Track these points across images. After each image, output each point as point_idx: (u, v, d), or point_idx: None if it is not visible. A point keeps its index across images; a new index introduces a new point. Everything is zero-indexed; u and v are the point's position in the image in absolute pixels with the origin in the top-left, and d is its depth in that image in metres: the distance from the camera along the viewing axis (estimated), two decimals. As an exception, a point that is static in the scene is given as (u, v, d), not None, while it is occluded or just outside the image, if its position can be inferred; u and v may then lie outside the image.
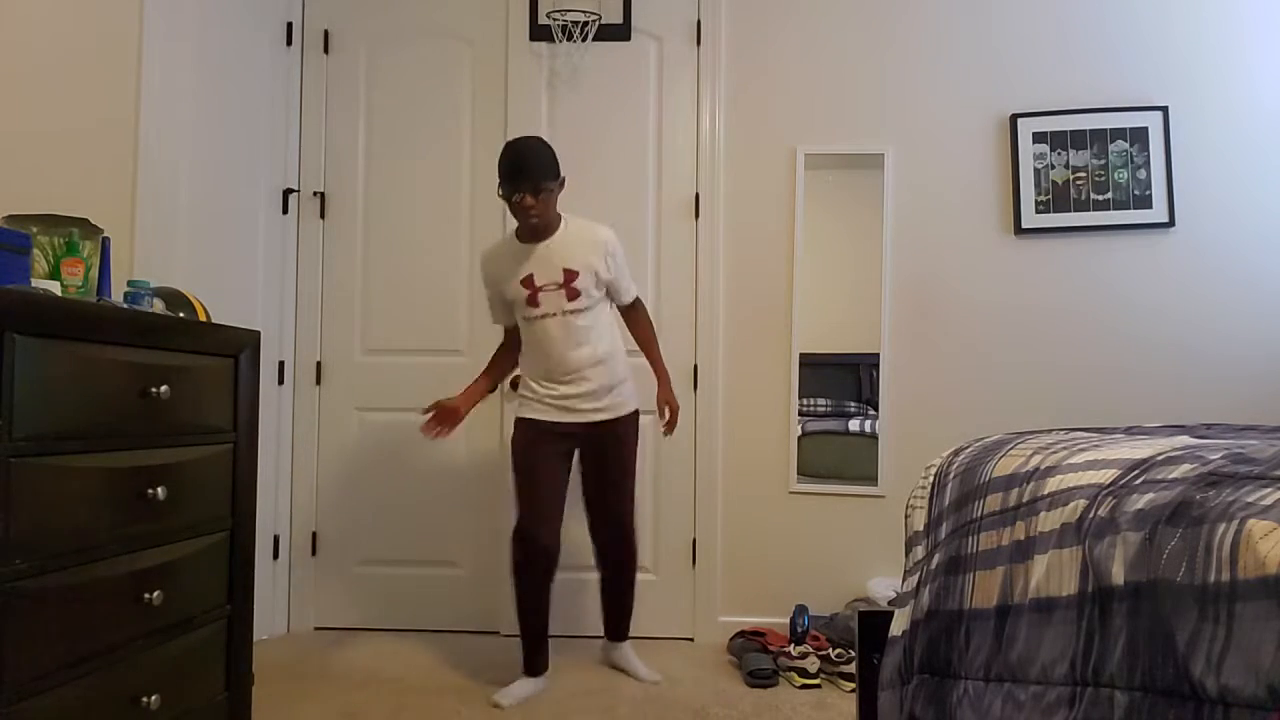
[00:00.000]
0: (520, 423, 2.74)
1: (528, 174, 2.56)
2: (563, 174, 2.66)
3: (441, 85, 3.51)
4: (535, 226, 2.64)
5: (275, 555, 3.38)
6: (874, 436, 3.39)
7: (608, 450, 2.76)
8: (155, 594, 1.70)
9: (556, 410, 2.70)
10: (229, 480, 2.01)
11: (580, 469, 2.82)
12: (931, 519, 1.71)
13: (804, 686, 2.78)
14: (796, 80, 3.42)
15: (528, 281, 2.67)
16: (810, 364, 3.39)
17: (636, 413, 2.83)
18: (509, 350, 2.88)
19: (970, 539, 1.50)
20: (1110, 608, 1.09)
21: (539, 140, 2.70)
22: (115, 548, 1.63)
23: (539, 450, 2.69)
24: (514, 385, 3.01)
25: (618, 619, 2.93)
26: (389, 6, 3.54)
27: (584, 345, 2.69)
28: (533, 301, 2.67)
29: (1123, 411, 3.01)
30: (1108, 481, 1.19)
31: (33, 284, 1.67)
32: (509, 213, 2.70)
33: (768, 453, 3.37)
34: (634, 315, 2.92)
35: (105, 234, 1.96)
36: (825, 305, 3.42)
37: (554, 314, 2.66)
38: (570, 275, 2.65)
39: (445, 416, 2.72)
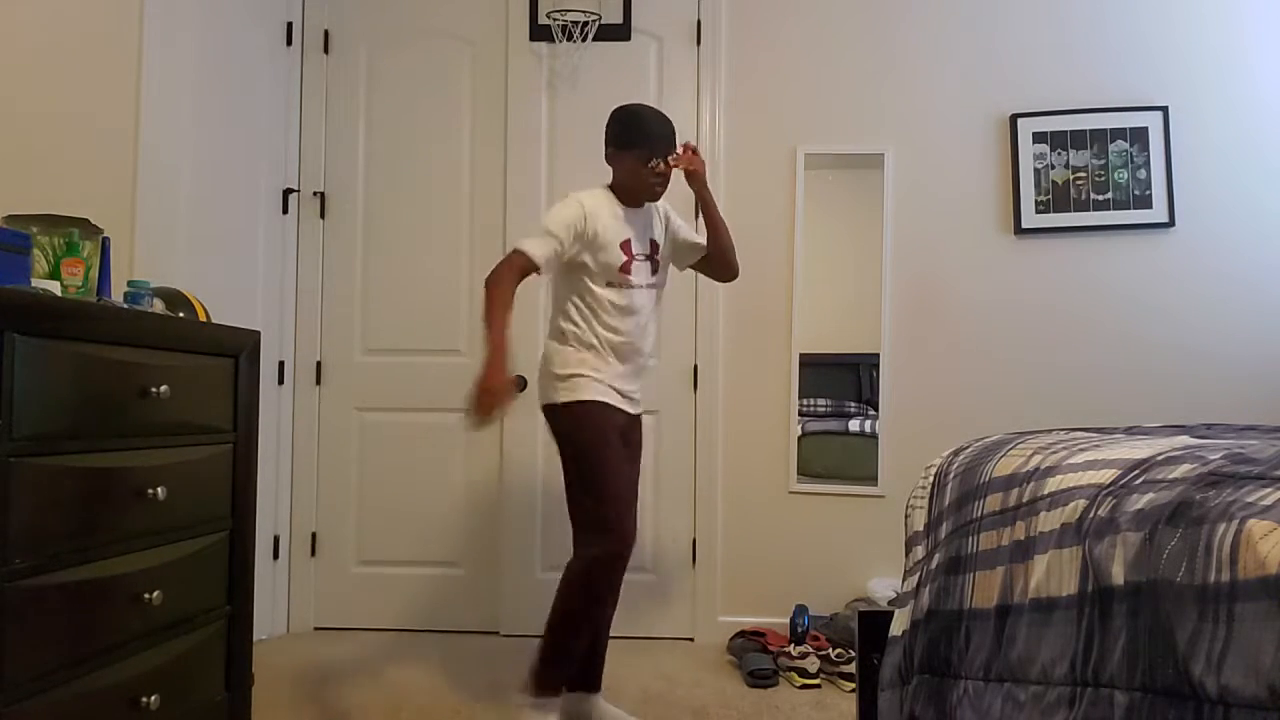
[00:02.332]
0: (590, 406, 2.35)
1: (674, 139, 2.43)
2: None
3: (441, 85, 3.51)
4: (658, 194, 2.46)
5: (275, 555, 3.38)
6: (874, 436, 3.39)
7: (639, 447, 2.56)
8: (155, 594, 1.70)
9: (620, 397, 2.43)
10: (229, 480, 2.01)
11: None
12: (931, 519, 1.71)
13: (804, 686, 2.78)
14: (796, 80, 3.42)
15: (625, 246, 2.42)
16: (810, 364, 3.39)
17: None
18: (512, 297, 2.38)
19: (970, 539, 1.50)
20: (1110, 608, 1.09)
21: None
22: (115, 548, 1.63)
23: (613, 438, 2.38)
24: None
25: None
26: (389, 6, 3.54)
27: (651, 329, 2.49)
28: (626, 269, 2.41)
29: (1123, 411, 3.00)
30: (1108, 481, 1.19)
31: (33, 284, 1.67)
32: (624, 176, 2.42)
33: (768, 453, 3.37)
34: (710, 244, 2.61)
35: (105, 234, 1.96)
36: (825, 305, 3.42)
37: (640, 286, 2.43)
38: (655, 247, 2.49)
39: (493, 400, 2.20)
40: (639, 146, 2.40)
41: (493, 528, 3.34)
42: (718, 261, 2.60)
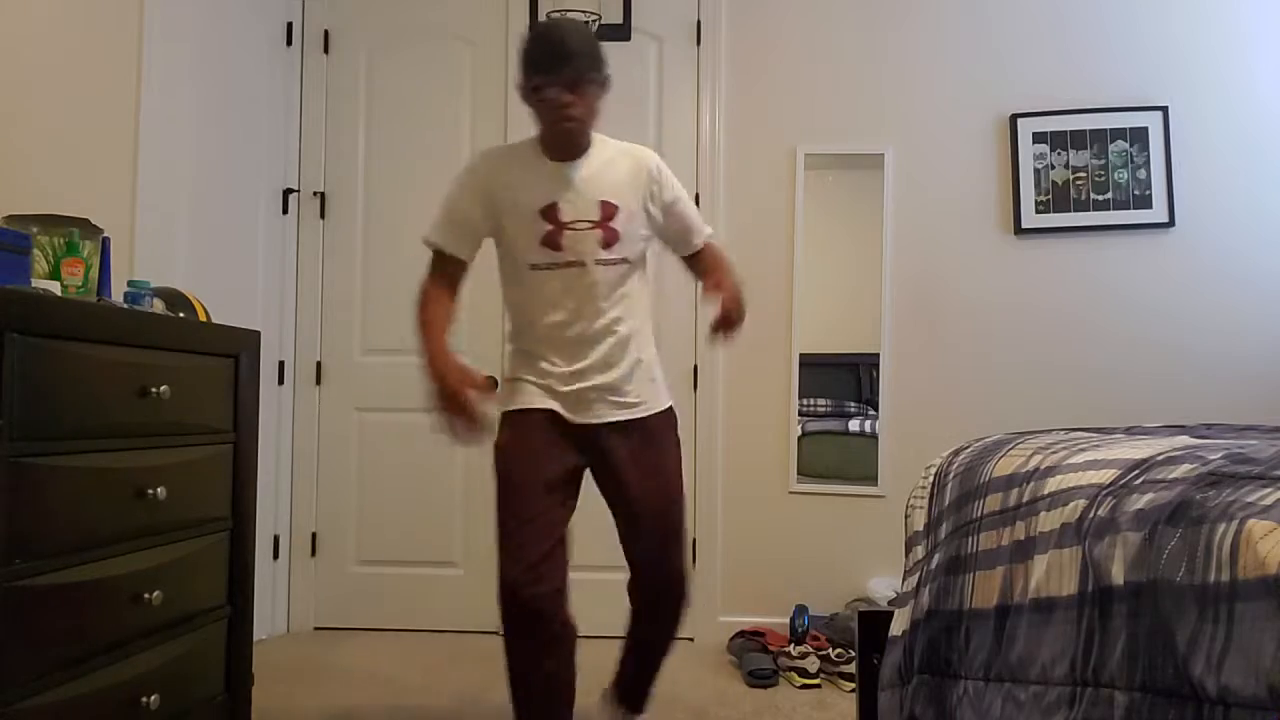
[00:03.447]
0: (507, 420, 1.98)
1: (567, 58, 1.84)
2: (609, 72, 1.95)
3: (441, 85, 3.51)
4: (572, 133, 1.93)
5: (275, 555, 3.38)
6: (874, 436, 3.38)
7: (638, 456, 1.98)
8: (155, 594, 1.70)
9: (562, 404, 1.95)
10: (229, 480, 2.01)
11: (604, 493, 2.04)
12: (931, 519, 1.71)
13: (804, 686, 2.78)
14: (796, 80, 3.42)
15: (550, 213, 1.92)
16: (810, 364, 3.39)
17: (673, 413, 2.09)
18: (446, 294, 2.03)
19: (970, 539, 1.50)
20: (1110, 608, 1.09)
21: (579, 23, 2.01)
22: (115, 548, 1.63)
23: (531, 457, 1.93)
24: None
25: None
26: (389, 7, 3.54)
27: (612, 312, 1.96)
28: (552, 242, 1.91)
29: (1123, 411, 3.00)
30: (1108, 481, 1.19)
31: (33, 284, 1.67)
32: (535, 119, 1.98)
33: (768, 453, 3.37)
34: (704, 259, 2.13)
35: (105, 234, 1.96)
36: (825, 305, 3.42)
37: (579, 262, 1.92)
38: (609, 211, 1.94)
39: (460, 407, 1.87)
40: (525, 75, 1.89)
41: (492, 528, 3.33)
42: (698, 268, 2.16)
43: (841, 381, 3.52)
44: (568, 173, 1.96)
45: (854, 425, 3.45)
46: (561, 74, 1.85)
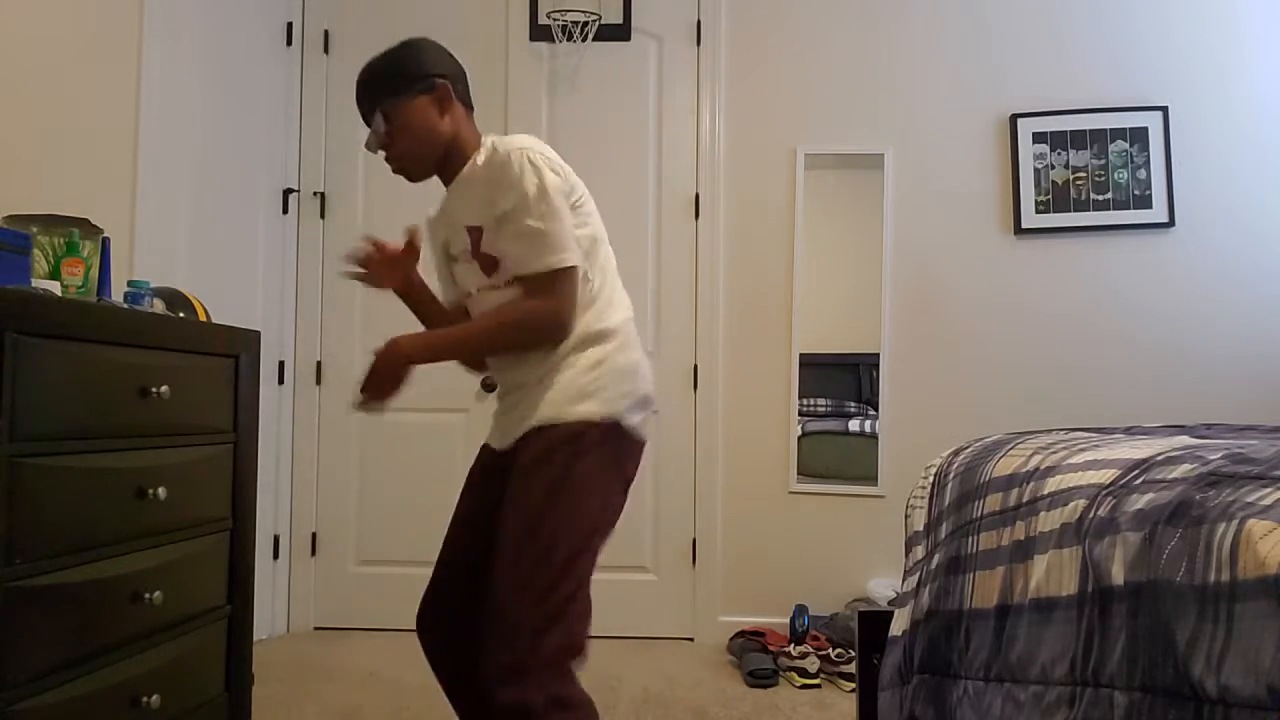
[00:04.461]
0: None
1: (361, 96, 1.68)
2: (435, 76, 1.64)
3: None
4: (410, 174, 1.68)
5: (275, 555, 3.38)
6: (874, 436, 3.38)
7: (506, 494, 1.55)
8: (155, 594, 1.70)
9: (494, 430, 1.75)
10: (229, 480, 2.01)
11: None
12: (931, 519, 1.71)
13: (804, 686, 2.78)
14: (796, 80, 3.42)
15: (443, 251, 1.75)
16: (810, 364, 3.39)
17: (577, 428, 1.53)
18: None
19: (970, 539, 1.50)
20: (1110, 608, 1.09)
21: (393, 48, 1.71)
22: (115, 548, 1.63)
23: (464, 493, 1.78)
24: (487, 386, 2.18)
25: None
26: (389, 6, 3.54)
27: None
28: (453, 279, 1.76)
29: (1123, 411, 3.00)
30: (1108, 481, 1.19)
31: (33, 284, 1.67)
32: None
33: (768, 453, 3.37)
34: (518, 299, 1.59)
35: (105, 234, 1.96)
36: (825, 305, 3.42)
37: (471, 293, 1.71)
38: (475, 235, 1.61)
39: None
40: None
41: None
42: None
43: (841, 381, 3.52)
44: (450, 200, 1.69)
45: (854, 425, 3.45)
46: (365, 115, 1.67)
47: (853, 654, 2.39)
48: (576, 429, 1.52)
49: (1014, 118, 3.34)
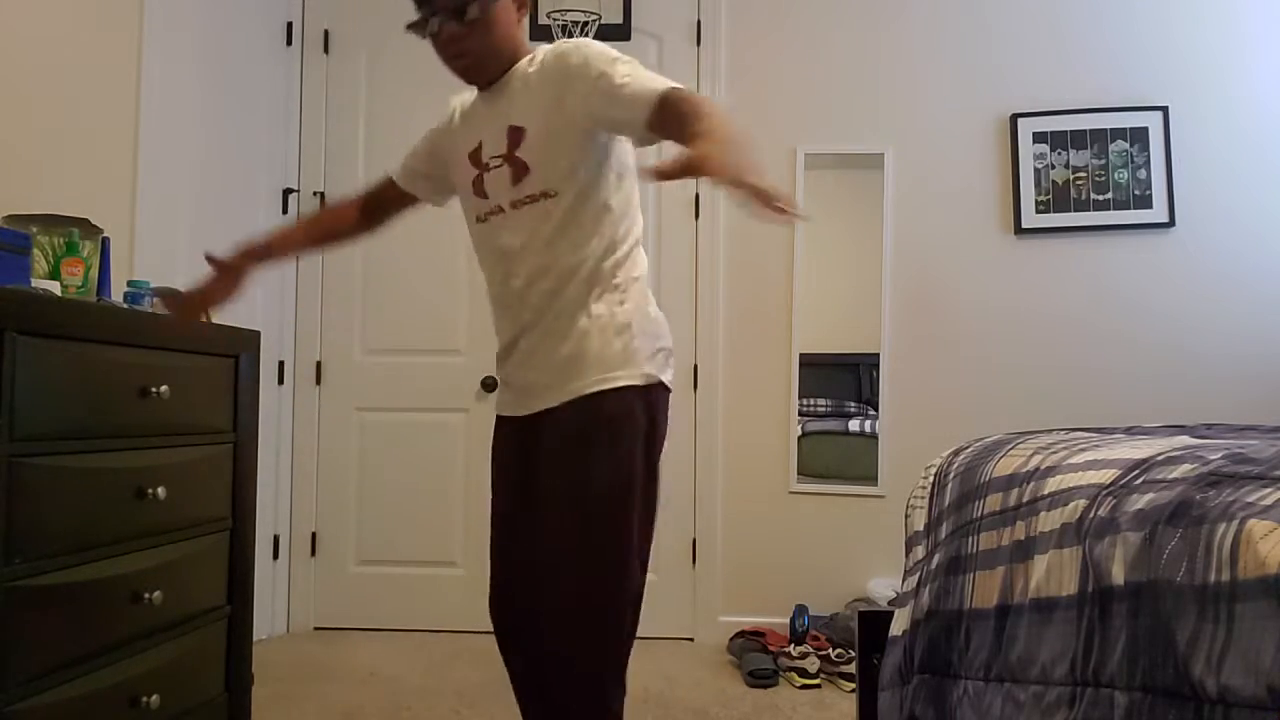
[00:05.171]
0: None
1: None
2: None
3: (441, 85, 3.48)
4: (469, 72, 1.63)
5: (275, 555, 3.38)
6: (874, 436, 3.38)
7: (544, 466, 1.53)
8: (155, 594, 1.70)
9: (508, 397, 1.65)
10: (229, 480, 2.01)
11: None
12: (931, 519, 1.71)
13: (804, 686, 2.78)
14: (796, 80, 3.42)
15: (475, 158, 1.61)
16: (810, 364, 3.39)
17: (630, 393, 1.49)
18: (346, 204, 1.87)
19: (970, 539, 1.50)
20: (1110, 608, 1.09)
21: None
22: (115, 548, 1.63)
23: (496, 469, 1.71)
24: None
25: None
26: (389, 6, 3.51)
27: (535, 261, 1.53)
28: (479, 190, 1.60)
29: (1123, 411, 3.00)
30: (1108, 481, 1.19)
31: (33, 284, 1.67)
32: None
33: (768, 453, 3.37)
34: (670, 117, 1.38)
35: (105, 234, 1.96)
36: (825, 305, 3.42)
37: (502, 209, 1.56)
38: (515, 138, 1.52)
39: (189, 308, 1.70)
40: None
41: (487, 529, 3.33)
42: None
43: (841, 381, 3.52)
44: (489, 104, 1.61)
45: (854, 425, 3.46)
46: (436, 8, 1.56)
47: (853, 654, 2.39)
48: (617, 405, 1.48)
49: (1014, 117, 3.34)
